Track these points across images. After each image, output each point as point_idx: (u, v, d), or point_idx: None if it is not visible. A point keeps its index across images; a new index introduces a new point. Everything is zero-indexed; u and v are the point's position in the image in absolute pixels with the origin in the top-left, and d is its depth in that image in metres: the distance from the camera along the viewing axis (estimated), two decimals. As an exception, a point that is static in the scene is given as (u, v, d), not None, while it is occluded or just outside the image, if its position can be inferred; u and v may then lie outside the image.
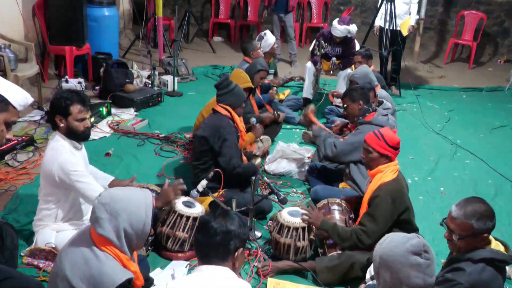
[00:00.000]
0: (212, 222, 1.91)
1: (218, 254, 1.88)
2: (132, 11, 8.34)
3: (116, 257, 2.00)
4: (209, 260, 1.89)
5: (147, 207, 2.01)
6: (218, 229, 1.88)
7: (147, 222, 1.99)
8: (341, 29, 5.76)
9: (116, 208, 1.95)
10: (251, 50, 5.26)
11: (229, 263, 1.90)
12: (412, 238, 1.92)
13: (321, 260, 3.01)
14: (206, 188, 3.18)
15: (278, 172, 4.35)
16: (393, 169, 2.98)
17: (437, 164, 4.93)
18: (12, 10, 5.30)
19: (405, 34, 6.77)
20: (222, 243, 1.88)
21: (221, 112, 3.59)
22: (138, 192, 2.06)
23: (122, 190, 2.04)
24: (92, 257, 1.97)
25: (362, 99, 3.83)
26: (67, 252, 2.04)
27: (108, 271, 1.95)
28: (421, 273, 1.87)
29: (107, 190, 2.04)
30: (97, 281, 1.94)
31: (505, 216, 4.03)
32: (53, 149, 2.76)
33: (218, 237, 1.88)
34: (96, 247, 1.99)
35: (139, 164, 4.35)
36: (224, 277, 1.86)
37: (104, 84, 5.76)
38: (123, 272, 1.99)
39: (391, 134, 3.01)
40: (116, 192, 2.01)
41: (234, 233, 1.90)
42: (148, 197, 2.05)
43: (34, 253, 2.88)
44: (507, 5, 9.36)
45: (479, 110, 6.82)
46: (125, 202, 1.97)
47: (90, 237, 2.02)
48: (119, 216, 1.95)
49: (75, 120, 2.75)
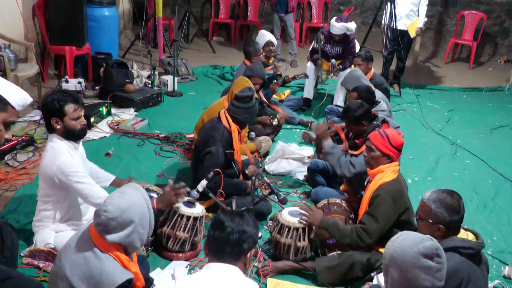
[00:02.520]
0: (229, 221, 1.92)
1: (232, 252, 1.89)
2: (132, 11, 8.34)
3: (116, 258, 2.01)
4: (223, 257, 1.89)
5: (147, 202, 2.10)
6: (235, 228, 1.90)
7: (151, 215, 2.12)
8: (338, 26, 5.75)
9: (127, 217, 2.01)
10: (254, 55, 5.17)
11: (241, 263, 1.92)
12: (426, 240, 1.90)
13: (321, 260, 3.01)
14: (206, 188, 3.17)
15: (278, 172, 4.35)
16: (394, 169, 2.98)
17: (437, 164, 4.93)
18: (12, 10, 5.29)
19: (413, 36, 6.77)
20: (238, 242, 1.89)
21: (223, 122, 3.49)
22: (134, 192, 2.09)
23: (123, 198, 2.05)
24: (92, 257, 1.98)
25: (365, 119, 3.58)
26: (67, 252, 2.04)
27: (108, 271, 1.96)
28: (430, 276, 1.85)
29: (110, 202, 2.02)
30: (97, 281, 1.94)
31: (505, 216, 4.03)
32: (51, 151, 2.76)
33: (234, 236, 1.89)
34: (97, 248, 2.00)
35: (139, 164, 4.34)
36: (234, 277, 1.87)
37: (104, 84, 5.76)
38: (124, 272, 2.00)
39: (395, 135, 3.00)
40: (120, 203, 2.02)
41: (249, 233, 1.92)
42: (143, 192, 2.12)
43: (33, 254, 2.88)
44: (507, 5, 9.36)
45: (479, 110, 6.82)
46: (132, 210, 2.03)
47: (90, 237, 2.02)
48: (133, 223, 2.02)
49: (71, 119, 2.74)
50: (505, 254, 3.49)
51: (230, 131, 3.49)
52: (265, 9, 9.61)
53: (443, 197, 2.27)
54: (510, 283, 3.18)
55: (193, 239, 3.08)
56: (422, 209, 2.31)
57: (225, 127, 3.48)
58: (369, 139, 3.03)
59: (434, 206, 2.25)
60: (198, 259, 3.12)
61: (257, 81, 4.44)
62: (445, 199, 2.26)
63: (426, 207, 2.28)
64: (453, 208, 2.24)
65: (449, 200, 2.26)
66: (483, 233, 2.40)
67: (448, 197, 2.27)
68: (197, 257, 3.13)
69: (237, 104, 3.49)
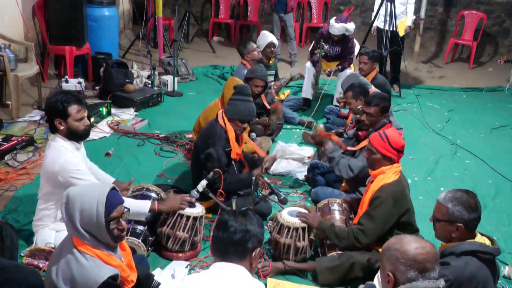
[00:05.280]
0: (232, 221, 1.92)
1: (237, 252, 1.89)
2: (132, 11, 8.34)
3: (95, 255, 2.02)
4: (228, 257, 1.90)
5: (99, 203, 2.01)
6: (238, 227, 1.90)
7: (99, 218, 2.00)
8: (338, 27, 5.76)
9: (70, 207, 2.01)
10: (246, 53, 5.22)
11: (247, 262, 1.92)
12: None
13: (321, 260, 3.01)
14: (206, 188, 3.17)
15: (278, 172, 4.35)
16: (396, 170, 2.97)
17: (437, 164, 4.93)
18: (12, 10, 5.30)
19: (402, 34, 6.78)
20: (241, 241, 1.89)
21: (220, 122, 3.49)
22: (95, 188, 2.09)
23: (79, 189, 2.08)
24: (72, 259, 2.01)
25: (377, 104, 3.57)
26: (53, 257, 2.09)
27: (88, 273, 1.98)
28: None
29: (67, 189, 2.07)
30: (80, 283, 1.97)
31: (505, 216, 4.03)
32: (54, 150, 2.77)
33: (237, 235, 1.89)
34: (75, 248, 2.02)
35: (139, 164, 4.34)
36: (240, 276, 1.87)
37: (104, 84, 5.76)
38: (104, 270, 2.01)
39: (396, 136, 2.97)
40: (72, 190, 2.06)
41: (253, 232, 1.92)
42: (102, 193, 2.04)
43: (34, 253, 2.88)
44: (507, 5, 9.36)
45: (479, 110, 6.82)
46: (78, 200, 2.02)
47: (71, 239, 2.05)
48: (74, 214, 2.00)
49: (74, 120, 2.76)
50: (505, 254, 3.48)
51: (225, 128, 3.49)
52: (265, 9, 9.61)
53: (459, 195, 2.25)
54: (510, 283, 3.18)
55: (193, 239, 3.08)
56: (439, 211, 2.29)
57: (222, 127, 3.49)
58: (369, 141, 3.03)
59: (451, 205, 2.23)
60: (198, 259, 3.12)
61: (259, 83, 4.41)
62: (461, 197, 2.24)
63: (442, 208, 2.26)
64: (470, 205, 2.22)
65: (465, 198, 2.24)
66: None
67: (464, 195, 2.26)
68: (197, 257, 3.14)
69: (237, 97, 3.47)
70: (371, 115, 3.58)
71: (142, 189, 3.21)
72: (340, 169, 3.55)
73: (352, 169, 3.51)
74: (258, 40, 5.63)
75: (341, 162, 3.56)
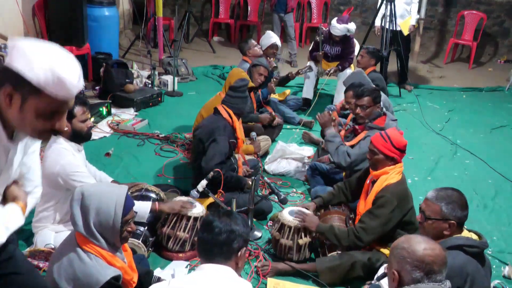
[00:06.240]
0: (217, 221, 1.91)
1: (222, 253, 1.88)
2: (132, 11, 8.33)
3: (99, 255, 2.02)
4: (212, 258, 1.89)
5: (117, 205, 2.03)
6: (223, 228, 1.89)
7: (116, 220, 2.02)
8: (340, 28, 5.77)
9: (85, 204, 2.00)
10: (247, 49, 5.30)
11: (233, 262, 1.91)
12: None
13: (322, 260, 3.00)
14: (206, 188, 3.17)
15: (278, 172, 4.35)
16: (399, 170, 2.97)
17: (437, 164, 4.93)
18: (12, 10, 5.30)
19: (406, 33, 6.78)
20: (226, 242, 1.88)
21: (222, 114, 3.56)
22: (113, 189, 2.09)
23: (95, 187, 2.08)
24: (75, 258, 2.00)
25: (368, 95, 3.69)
26: (54, 255, 2.08)
27: (91, 272, 1.98)
28: None
29: (81, 186, 2.07)
30: (83, 282, 1.97)
31: (505, 216, 4.03)
32: (55, 151, 2.77)
33: (222, 236, 1.88)
34: (79, 247, 2.02)
35: (139, 164, 4.34)
36: (226, 277, 1.86)
37: (104, 84, 5.76)
38: (107, 270, 2.01)
39: (398, 136, 2.97)
40: (88, 189, 2.05)
41: (238, 232, 1.91)
42: (121, 194, 2.06)
43: (34, 254, 2.88)
44: (507, 5, 9.36)
45: (479, 110, 6.81)
46: (94, 199, 2.01)
47: (74, 238, 2.04)
48: (88, 212, 1.99)
49: (79, 121, 2.78)
50: (505, 254, 3.49)
51: (231, 122, 3.56)
52: (265, 9, 9.61)
53: (449, 193, 2.29)
54: (510, 283, 3.18)
55: (193, 239, 3.08)
56: (430, 209, 2.29)
57: (225, 119, 3.54)
58: (371, 142, 3.02)
59: (444, 203, 2.25)
60: (198, 259, 3.12)
61: (263, 72, 4.59)
62: (452, 196, 2.28)
63: (435, 206, 2.27)
64: (462, 203, 2.27)
65: (456, 196, 2.28)
66: (483, 233, 2.40)
67: (454, 193, 2.30)
68: (197, 257, 3.14)
69: (234, 94, 3.60)
70: (364, 106, 3.68)
71: (141, 190, 3.21)
72: (338, 154, 3.62)
73: (349, 155, 3.58)
74: (262, 39, 5.63)
75: (340, 148, 3.64)
